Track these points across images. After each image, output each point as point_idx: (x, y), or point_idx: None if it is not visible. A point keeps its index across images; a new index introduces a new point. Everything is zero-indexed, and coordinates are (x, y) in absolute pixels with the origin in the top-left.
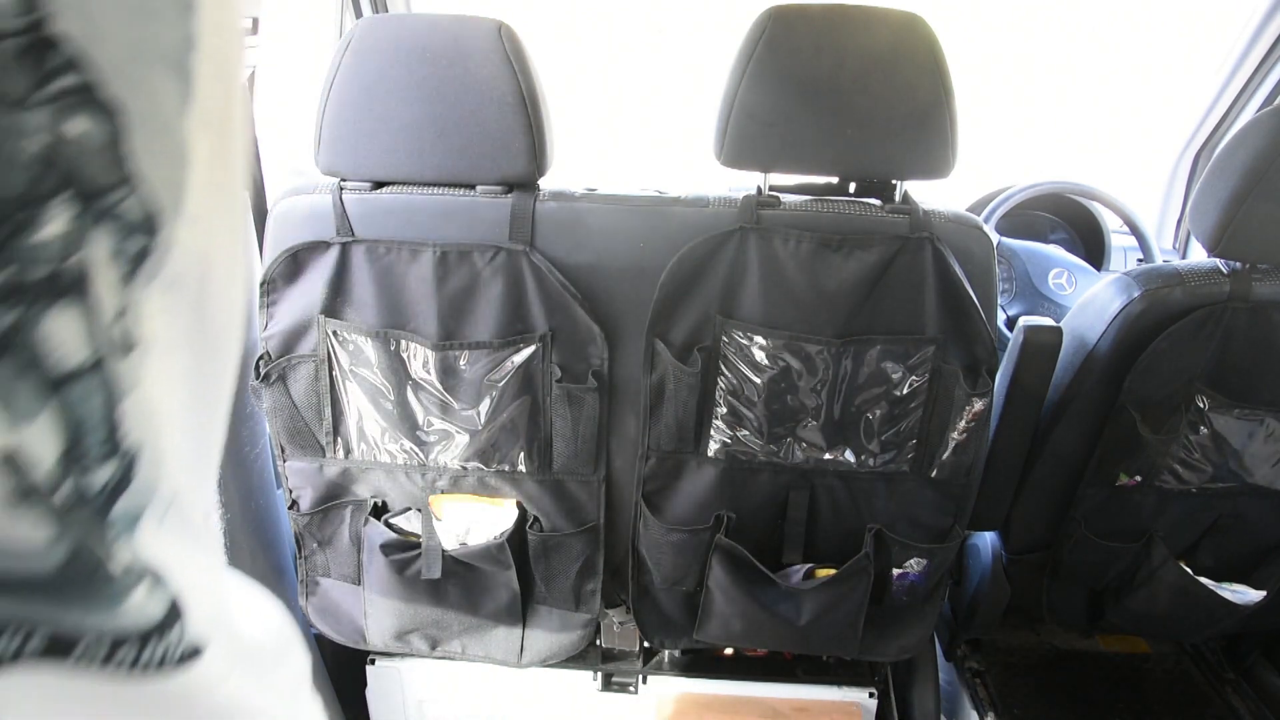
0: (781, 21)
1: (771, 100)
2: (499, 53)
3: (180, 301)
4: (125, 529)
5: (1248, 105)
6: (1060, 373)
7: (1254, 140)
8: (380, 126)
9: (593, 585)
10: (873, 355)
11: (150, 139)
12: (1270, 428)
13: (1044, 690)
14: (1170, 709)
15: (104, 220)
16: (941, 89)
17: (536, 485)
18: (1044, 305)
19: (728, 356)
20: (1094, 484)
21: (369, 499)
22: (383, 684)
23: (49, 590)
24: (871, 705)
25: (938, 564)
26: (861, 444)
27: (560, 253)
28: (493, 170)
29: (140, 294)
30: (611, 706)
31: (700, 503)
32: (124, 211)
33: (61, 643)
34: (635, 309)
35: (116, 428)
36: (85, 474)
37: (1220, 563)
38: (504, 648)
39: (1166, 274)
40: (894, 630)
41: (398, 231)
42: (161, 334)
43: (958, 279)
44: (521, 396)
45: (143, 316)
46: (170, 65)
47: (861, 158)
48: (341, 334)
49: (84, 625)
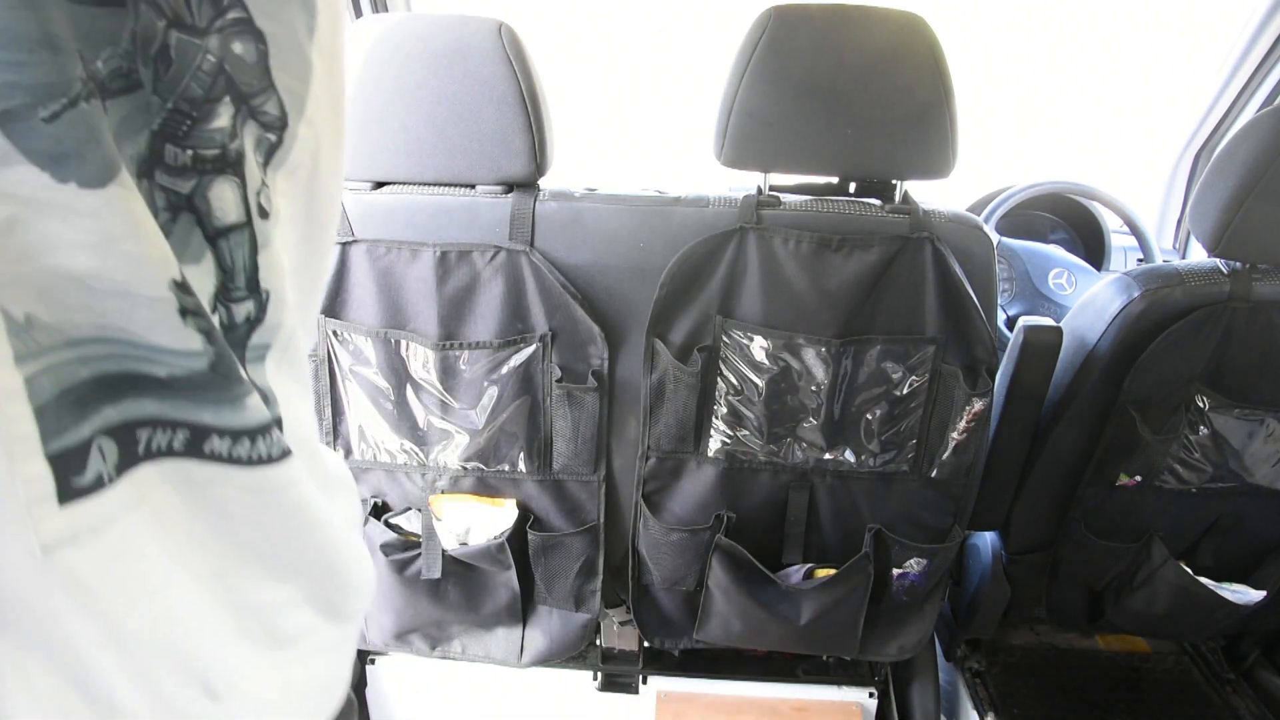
0: (782, 21)
1: (771, 100)
2: (499, 52)
3: (297, 184)
4: (257, 357)
5: (1248, 105)
6: (1060, 373)
7: (1254, 140)
8: (380, 126)
9: (593, 585)
10: (873, 355)
11: (286, 58)
12: (1270, 428)
13: (1044, 690)
14: (1170, 709)
15: (252, 117)
16: (941, 89)
17: (536, 485)
18: (1044, 305)
19: (728, 356)
20: (1094, 484)
21: (369, 499)
22: (383, 684)
23: (195, 389)
24: (871, 705)
25: (938, 564)
26: (861, 444)
27: (560, 253)
28: (493, 170)
29: (273, 175)
30: (611, 706)
31: (700, 503)
32: (265, 111)
33: (198, 440)
34: (635, 309)
35: (256, 273)
36: (233, 306)
37: (1220, 563)
38: (504, 648)
39: (1166, 274)
40: (894, 630)
41: (398, 231)
42: (284, 208)
43: (958, 279)
44: (521, 396)
45: (275, 192)
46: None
47: (861, 158)
48: (342, 334)
49: (215, 422)
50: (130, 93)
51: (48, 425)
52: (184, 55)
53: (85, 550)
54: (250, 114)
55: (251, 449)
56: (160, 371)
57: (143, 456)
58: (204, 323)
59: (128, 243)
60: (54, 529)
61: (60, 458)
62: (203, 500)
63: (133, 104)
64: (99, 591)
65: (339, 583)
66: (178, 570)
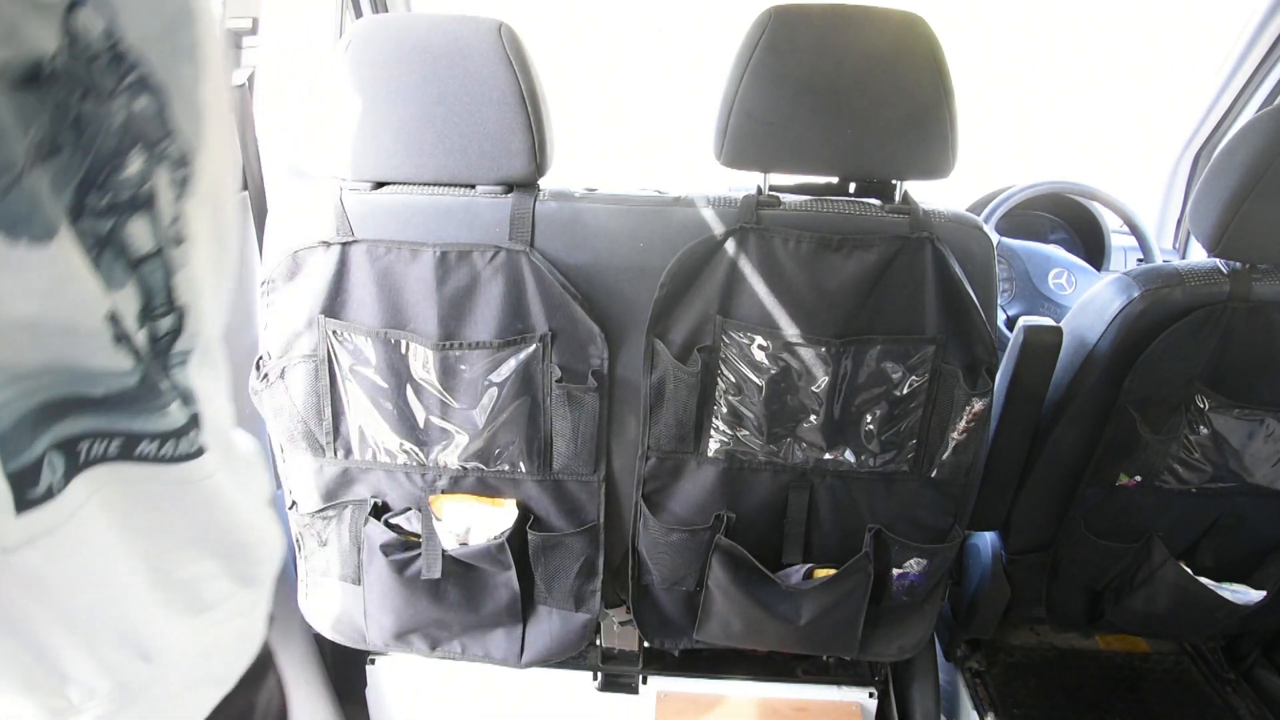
0: (782, 21)
1: (771, 100)
2: (499, 52)
3: (206, 208)
4: (180, 363)
5: (1248, 105)
6: (1060, 373)
7: (1254, 140)
8: (380, 126)
9: (593, 585)
10: (873, 355)
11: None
12: (1270, 428)
13: (1044, 690)
14: (1170, 709)
15: (162, 160)
16: (941, 89)
17: (536, 485)
18: (1044, 305)
19: (728, 356)
20: (1094, 484)
21: (369, 499)
22: (383, 684)
23: (127, 403)
24: (871, 705)
25: (938, 564)
26: (861, 444)
27: (560, 253)
28: (493, 170)
29: (184, 205)
30: (611, 706)
31: (700, 503)
32: (172, 153)
33: (129, 445)
34: (635, 309)
35: (173, 292)
36: (154, 323)
37: (1220, 563)
38: (504, 648)
39: (1166, 274)
40: (894, 630)
41: (398, 231)
42: (199, 231)
43: (958, 279)
44: (521, 397)
45: (189, 220)
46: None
47: (861, 158)
48: (342, 334)
49: (144, 429)
50: (56, 155)
51: (6, 449)
52: (96, 118)
53: (39, 549)
54: (159, 158)
55: (175, 448)
56: (98, 391)
57: (84, 465)
58: (133, 345)
59: (70, 286)
60: (12, 534)
61: (17, 475)
62: (135, 496)
63: (59, 164)
64: (51, 582)
65: (250, 555)
66: (116, 557)
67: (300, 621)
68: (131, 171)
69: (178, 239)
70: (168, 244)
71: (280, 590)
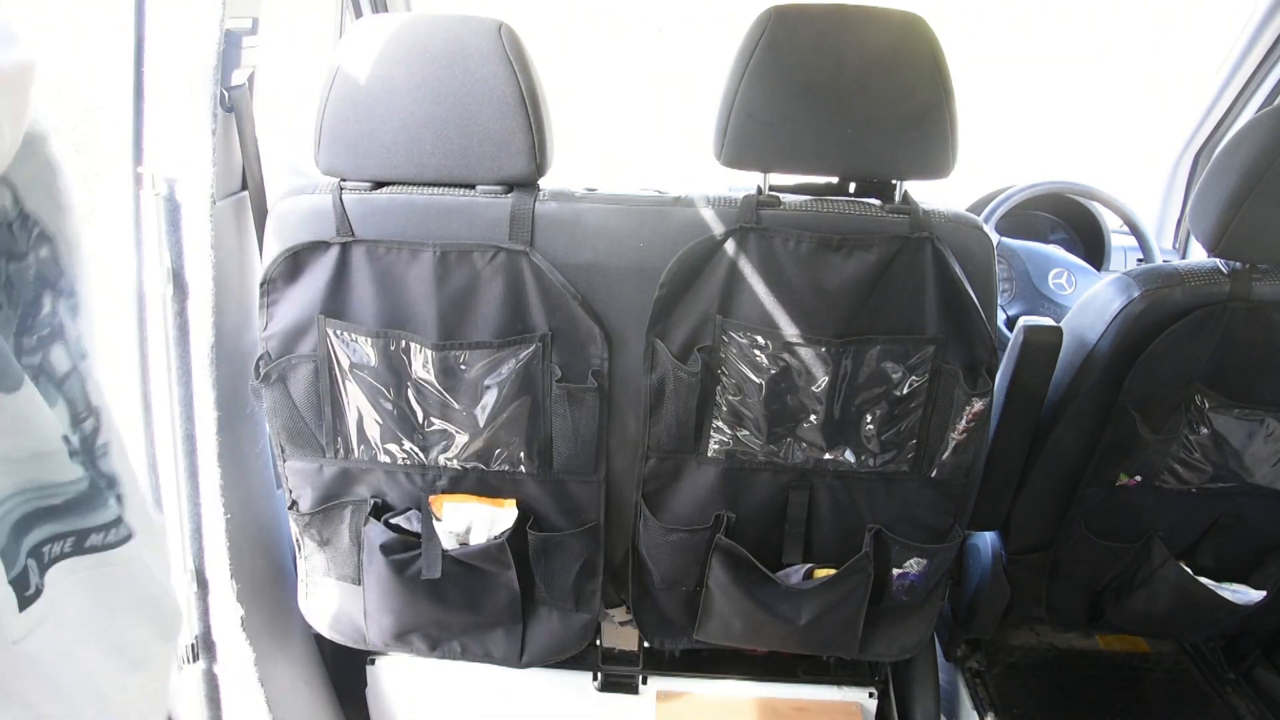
0: (782, 21)
1: (771, 100)
2: (499, 53)
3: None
4: (104, 454)
5: (1248, 105)
6: (1060, 373)
7: (1254, 140)
8: (380, 126)
9: (593, 585)
10: (873, 355)
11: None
12: (1270, 428)
13: (1044, 690)
14: (1170, 709)
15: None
16: (941, 89)
17: (536, 485)
18: (1044, 305)
19: (728, 356)
20: (1094, 484)
21: (369, 499)
22: (383, 684)
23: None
24: (871, 705)
25: (938, 564)
26: (861, 444)
27: (560, 253)
28: (492, 170)
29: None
30: (611, 706)
31: (700, 503)
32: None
33: (80, 540)
34: (635, 309)
35: (89, 398)
36: (82, 427)
37: (1220, 563)
38: (504, 648)
39: (1166, 274)
40: (894, 630)
41: (398, 231)
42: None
43: (958, 279)
44: (522, 396)
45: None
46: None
47: (861, 158)
48: (341, 334)
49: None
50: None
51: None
52: (19, 276)
53: (34, 637)
54: (59, 293)
55: (116, 535)
56: (57, 500)
57: (49, 564)
58: (81, 457)
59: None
60: (18, 628)
61: (15, 581)
62: (89, 582)
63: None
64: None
65: (169, 613)
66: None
67: (300, 621)
68: (46, 311)
69: (83, 355)
70: (78, 360)
71: (280, 590)
